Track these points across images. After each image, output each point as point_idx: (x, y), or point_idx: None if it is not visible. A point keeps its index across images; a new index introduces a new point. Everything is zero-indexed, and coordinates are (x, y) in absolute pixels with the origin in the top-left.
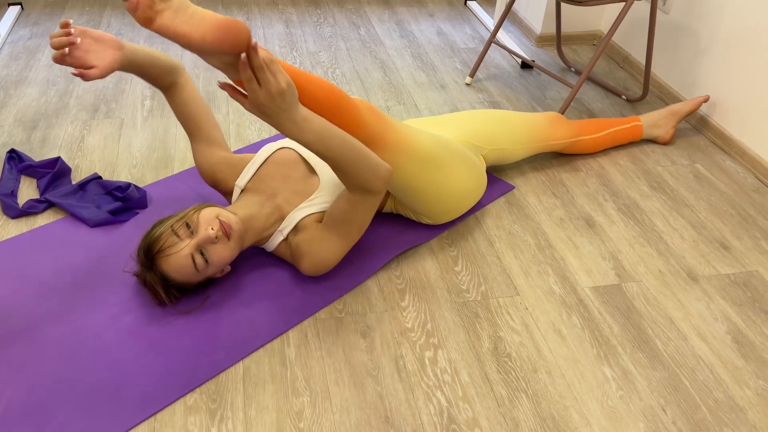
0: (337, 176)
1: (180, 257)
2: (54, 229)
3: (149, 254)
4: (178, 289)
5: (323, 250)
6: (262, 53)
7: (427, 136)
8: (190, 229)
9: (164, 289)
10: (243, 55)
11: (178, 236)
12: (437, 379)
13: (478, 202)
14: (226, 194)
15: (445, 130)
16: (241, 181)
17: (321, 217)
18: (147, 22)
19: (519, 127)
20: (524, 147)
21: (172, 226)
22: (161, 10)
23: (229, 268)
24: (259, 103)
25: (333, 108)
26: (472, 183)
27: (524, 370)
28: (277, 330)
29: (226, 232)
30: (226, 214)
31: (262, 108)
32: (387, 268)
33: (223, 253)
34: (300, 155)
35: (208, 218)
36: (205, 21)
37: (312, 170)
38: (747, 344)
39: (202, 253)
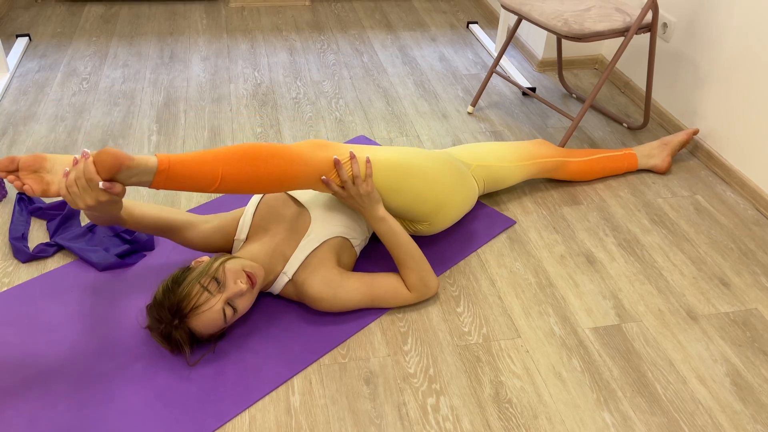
0: (397, 266)
1: (213, 312)
2: (64, 273)
3: (180, 312)
4: (196, 341)
5: (348, 300)
6: (344, 174)
7: (392, 151)
8: (219, 283)
9: (190, 345)
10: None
11: (209, 293)
12: (439, 427)
13: (479, 237)
14: (225, 252)
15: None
16: (241, 235)
17: (326, 254)
18: (44, 194)
19: (503, 147)
20: (511, 164)
21: (200, 282)
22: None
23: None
24: (349, 196)
25: (251, 163)
26: (454, 180)
27: (525, 417)
28: (281, 377)
29: (252, 283)
30: (250, 264)
31: (349, 203)
32: (390, 310)
33: (248, 302)
34: (286, 193)
35: (235, 271)
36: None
37: (301, 205)
38: (746, 387)
39: (230, 305)
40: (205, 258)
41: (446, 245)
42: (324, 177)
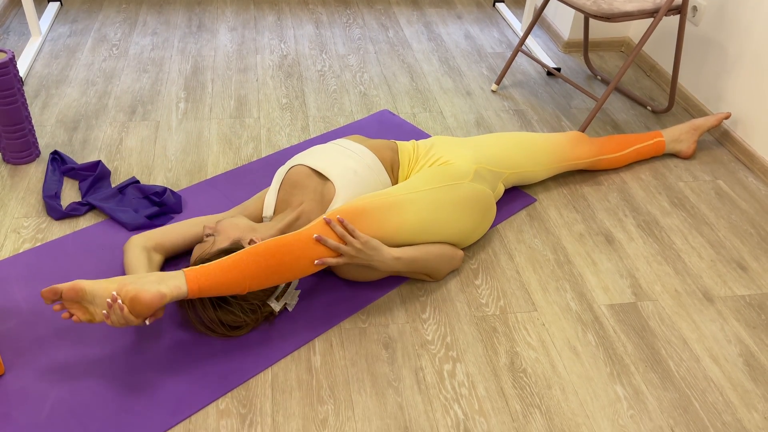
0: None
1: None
2: (95, 231)
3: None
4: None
5: (366, 274)
6: (331, 244)
7: (414, 212)
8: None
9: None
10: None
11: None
12: (455, 392)
13: (499, 213)
14: None
15: (466, 152)
16: (267, 212)
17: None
18: (90, 321)
19: (540, 150)
20: (545, 168)
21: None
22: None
23: None
24: (350, 257)
25: (277, 268)
26: (475, 222)
27: (539, 386)
28: (303, 338)
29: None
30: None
31: (354, 260)
32: (410, 280)
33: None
34: (310, 168)
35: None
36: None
37: (324, 177)
38: (758, 367)
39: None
40: (212, 224)
41: None
42: (316, 261)
